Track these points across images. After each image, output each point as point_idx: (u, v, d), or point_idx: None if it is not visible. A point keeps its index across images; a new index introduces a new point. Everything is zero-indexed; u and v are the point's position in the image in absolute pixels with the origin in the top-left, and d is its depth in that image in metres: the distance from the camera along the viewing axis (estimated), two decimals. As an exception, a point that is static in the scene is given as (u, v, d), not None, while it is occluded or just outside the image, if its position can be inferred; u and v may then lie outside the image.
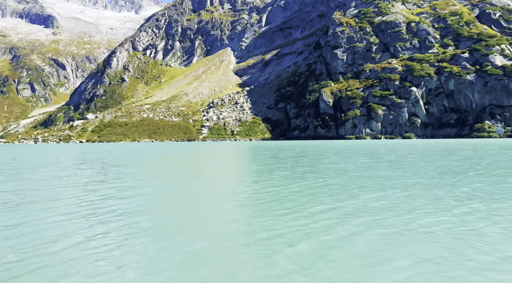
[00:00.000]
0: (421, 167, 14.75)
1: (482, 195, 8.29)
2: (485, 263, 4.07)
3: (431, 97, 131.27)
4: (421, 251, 4.48)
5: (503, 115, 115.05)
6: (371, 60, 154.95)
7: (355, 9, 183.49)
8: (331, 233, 5.33)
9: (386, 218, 6.21)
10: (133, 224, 6.11)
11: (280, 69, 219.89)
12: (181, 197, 8.73)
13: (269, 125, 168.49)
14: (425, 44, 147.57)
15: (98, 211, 7.17)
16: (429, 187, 9.44)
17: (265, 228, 5.73)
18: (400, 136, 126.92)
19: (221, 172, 14.84)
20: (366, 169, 14.63)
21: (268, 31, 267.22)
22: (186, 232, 5.64)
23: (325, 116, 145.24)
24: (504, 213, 6.47)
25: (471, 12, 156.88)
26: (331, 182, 10.46)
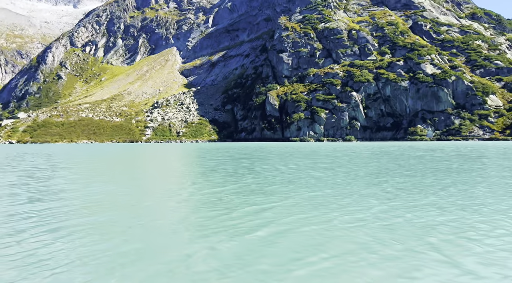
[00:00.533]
0: (353, 168, 15.29)
1: (400, 194, 8.75)
2: (391, 257, 4.27)
3: (370, 101, 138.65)
4: (337, 247, 4.66)
5: (433, 119, 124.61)
6: (315, 65, 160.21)
7: (300, 14, 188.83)
8: (255, 232, 5.38)
9: (314, 216, 6.36)
10: (57, 227, 5.73)
11: (227, 70, 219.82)
12: (113, 200, 8.20)
13: (216, 126, 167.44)
14: (365, 51, 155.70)
15: (12, 217, 6.42)
16: (357, 186, 9.83)
17: (190, 229, 5.69)
18: (341, 139, 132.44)
19: (156, 174, 14.25)
20: (302, 170, 14.85)
21: (215, 32, 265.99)
22: (114, 233, 5.48)
23: (271, 119, 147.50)
24: (416, 210, 6.86)
25: (405, 23, 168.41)
26: (267, 183, 10.50)
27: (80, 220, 6.37)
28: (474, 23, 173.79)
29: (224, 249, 4.65)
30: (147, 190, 9.89)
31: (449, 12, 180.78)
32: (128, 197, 8.64)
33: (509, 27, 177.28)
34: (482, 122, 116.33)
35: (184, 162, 21.23)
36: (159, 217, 6.60)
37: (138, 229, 5.70)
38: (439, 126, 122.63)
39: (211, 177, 12.59)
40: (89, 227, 5.84)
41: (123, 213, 6.88)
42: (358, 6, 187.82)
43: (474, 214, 6.44)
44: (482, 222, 5.93)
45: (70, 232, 5.57)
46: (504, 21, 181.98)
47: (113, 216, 6.70)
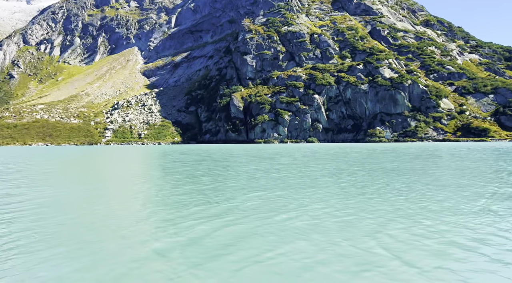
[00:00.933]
0: (310, 169, 15.50)
1: (354, 193, 9.02)
2: (339, 255, 4.40)
3: (331, 104, 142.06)
4: (287, 245, 4.75)
5: (390, 121, 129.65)
6: (278, 67, 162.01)
7: (263, 17, 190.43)
8: (204, 233, 5.42)
9: (267, 217, 6.47)
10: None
11: (191, 72, 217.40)
12: (58, 204, 7.73)
13: (179, 128, 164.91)
14: (326, 55, 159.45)
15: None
16: (307, 187, 9.96)
17: (133, 230, 5.69)
18: (304, 140, 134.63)
19: (108, 178, 13.68)
20: (258, 172, 14.87)
21: (178, 33, 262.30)
22: (50, 237, 5.24)
23: (236, 121, 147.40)
24: (368, 209, 7.08)
25: (364, 28, 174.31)
26: (221, 186, 10.35)
27: (27, 225, 6.01)
28: (428, 30, 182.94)
29: (171, 250, 4.66)
30: (96, 194, 9.44)
31: (405, 19, 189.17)
32: (72, 201, 8.20)
33: (459, 35, 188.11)
34: (436, 124, 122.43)
35: (141, 164, 20.58)
36: (105, 221, 6.43)
37: (81, 232, 5.52)
38: (397, 128, 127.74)
39: (165, 180, 12.33)
40: (32, 231, 5.55)
41: (67, 218, 6.51)
42: (319, 10, 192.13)
43: (420, 211, 6.70)
44: (428, 218, 6.20)
45: (16, 237, 5.25)
46: (454, 29, 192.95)
47: (54, 220, 6.40)
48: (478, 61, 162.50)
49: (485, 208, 6.89)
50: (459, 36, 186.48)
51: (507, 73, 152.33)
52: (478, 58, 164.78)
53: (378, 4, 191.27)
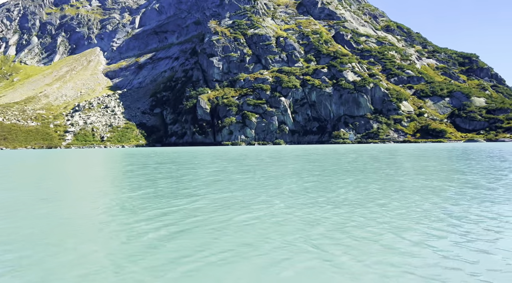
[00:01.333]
0: (270, 171, 15.58)
1: (303, 193, 9.19)
2: (268, 251, 4.55)
3: (297, 106, 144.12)
4: (225, 244, 4.89)
5: (354, 124, 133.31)
6: (245, 70, 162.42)
7: (230, 19, 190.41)
8: (153, 233, 5.43)
9: (214, 216, 6.59)
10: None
11: (156, 73, 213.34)
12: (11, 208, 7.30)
13: (144, 131, 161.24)
14: (292, 58, 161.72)
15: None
16: (259, 188, 9.92)
17: (86, 232, 5.64)
18: (271, 142, 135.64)
19: (64, 181, 13.07)
20: (219, 173, 14.82)
21: (142, 34, 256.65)
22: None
23: (203, 123, 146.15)
24: (310, 207, 7.23)
25: (328, 32, 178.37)
26: (183, 187, 10.21)
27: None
28: (388, 35, 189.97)
29: (118, 249, 4.67)
30: (43, 199, 8.97)
31: (367, 24, 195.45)
32: (19, 206, 7.75)
33: (417, 40, 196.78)
34: (396, 126, 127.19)
35: (100, 168, 19.80)
36: (59, 222, 6.30)
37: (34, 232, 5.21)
38: (360, 130, 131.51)
39: (125, 183, 11.97)
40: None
41: (11, 224, 6.12)
42: (285, 14, 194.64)
43: (360, 208, 6.97)
44: (362, 215, 6.45)
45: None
46: (413, 34, 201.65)
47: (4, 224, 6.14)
48: (435, 65, 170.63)
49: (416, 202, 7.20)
50: (417, 42, 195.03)
51: (461, 78, 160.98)
52: (435, 63, 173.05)
53: (341, 9, 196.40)
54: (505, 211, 6.80)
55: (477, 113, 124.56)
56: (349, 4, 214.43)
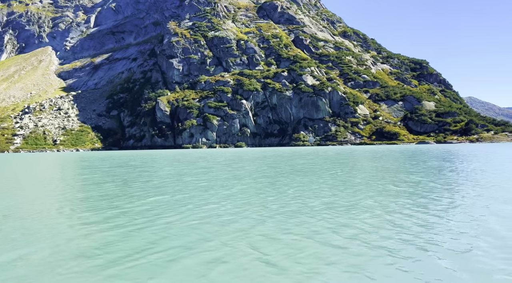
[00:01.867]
0: (224, 172, 15.58)
1: (249, 194, 9.14)
2: (191, 247, 4.60)
3: (258, 109, 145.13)
4: (163, 244, 4.91)
5: (313, 126, 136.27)
6: (206, 72, 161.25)
7: (190, 21, 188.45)
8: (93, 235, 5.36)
9: (155, 219, 6.57)
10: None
11: (113, 74, 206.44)
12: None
13: (100, 134, 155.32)
14: (253, 61, 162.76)
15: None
16: (211, 189, 9.99)
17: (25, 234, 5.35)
18: (233, 145, 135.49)
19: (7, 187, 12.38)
20: (172, 176, 14.64)
21: (98, 33, 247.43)
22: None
23: (162, 125, 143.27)
24: (250, 208, 7.26)
25: (288, 36, 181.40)
26: (132, 190, 9.96)
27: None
28: (345, 40, 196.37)
29: (59, 250, 4.61)
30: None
31: (325, 29, 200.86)
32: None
33: (372, 46, 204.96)
34: (353, 129, 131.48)
35: (50, 172, 18.77)
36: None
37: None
38: (319, 133, 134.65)
39: (71, 188, 11.44)
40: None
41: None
42: (245, 17, 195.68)
43: (305, 208, 7.13)
44: (305, 213, 6.57)
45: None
46: (369, 40, 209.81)
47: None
48: (389, 70, 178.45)
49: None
50: (372, 47, 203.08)
51: (413, 82, 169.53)
52: (389, 68, 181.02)
53: (301, 14, 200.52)
54: (434, 206, 7.22)
55: (427, 117, 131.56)
56: (308, 9, 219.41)
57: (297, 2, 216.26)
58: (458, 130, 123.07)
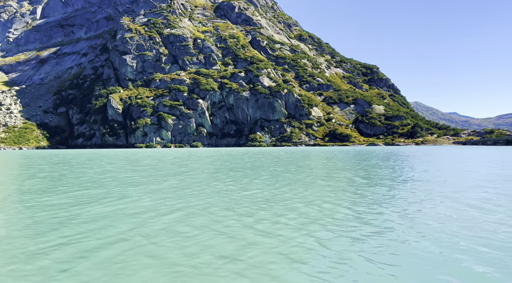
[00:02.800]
0: (163, 170, 15.34)
1: (166, 190, 9.09)
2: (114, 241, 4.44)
3: (215, 109, 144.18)
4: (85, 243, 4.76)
5: (269, 127, 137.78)
6: (161, 70, 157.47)
7: (144, 17, 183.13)
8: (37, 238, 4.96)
9: (79, 213, 6.36)
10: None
11: (61, 69, 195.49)
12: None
13: (46, 131, 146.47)
14: (210, 60, 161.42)
15: None
16: (140, 185, 9.76)
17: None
18: (188, 145, 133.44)
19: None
20: (106, 172, 14.20)
21: (45, 25, 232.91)
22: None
23: (114, 124, 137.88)
24: (184, 202, 7.22)
25: (246, 37, 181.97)
26: (51, 185, 9.59)
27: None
28: (301, 44, 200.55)
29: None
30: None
31: (282, 32, 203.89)
32: None
33: (327, 50, 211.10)
34: (308, 130, 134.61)
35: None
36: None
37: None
38: (275, 133, 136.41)
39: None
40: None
41: None
42: (202, 16, 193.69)
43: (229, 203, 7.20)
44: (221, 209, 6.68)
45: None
46: (323, 44, 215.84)
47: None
48: (342, 74, 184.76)
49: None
50: (327, 51, 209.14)
51: (364, 86, 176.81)
52: (342, 72, 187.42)
53: (258, 15, 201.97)
54: (347, 197, 7.61)
55: (377, 120, 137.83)
56: (265, 11, 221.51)
57: (255, 4, 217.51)
58: (405, 133, 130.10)
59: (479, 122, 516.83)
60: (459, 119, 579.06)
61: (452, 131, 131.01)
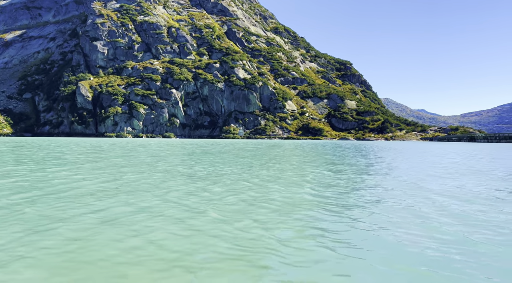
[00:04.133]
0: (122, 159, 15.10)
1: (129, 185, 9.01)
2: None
3: (189, 100, 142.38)
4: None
5: (244, 120, 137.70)
6: (133, 58, 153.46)
7: (117, 3, 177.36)
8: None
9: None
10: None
11: (27, 53, 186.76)
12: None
13: (10, 118, 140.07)
14: (184, 50, 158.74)
15: None
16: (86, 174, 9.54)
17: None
18: (161, 135, 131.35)
19: None
20: (51, 159, 13.80)
21: (9, 7, 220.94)
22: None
23: (83, 112, 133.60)
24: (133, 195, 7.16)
25: (221, 28, 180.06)
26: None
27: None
28: (277, 37, 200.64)
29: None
30: None
31: (258, 24, 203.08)
32: None
33: (302, 44, 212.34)
34: (282, 123, 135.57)
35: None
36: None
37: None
38: (249, 126, 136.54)
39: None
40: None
41: None
42: (177, 4, 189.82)
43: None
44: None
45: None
46: (298, 38, 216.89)
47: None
48: (316, 69, 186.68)
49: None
50: (302, 45, 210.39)
51: (338, 82, 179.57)
52: (316, 67, 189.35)
53: (234, 6, 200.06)
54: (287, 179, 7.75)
55: (349, 115, 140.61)
56: (241, 2, 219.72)
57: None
58: (375, 128, 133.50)
59: (445, 120, 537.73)
60: (427, 116, 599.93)
61: (420, 127, 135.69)
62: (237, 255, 3.30)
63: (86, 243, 3.68)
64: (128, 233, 4.01)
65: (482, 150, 31.05)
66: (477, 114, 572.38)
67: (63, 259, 3.30)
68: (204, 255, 3.29)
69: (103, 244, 3.65)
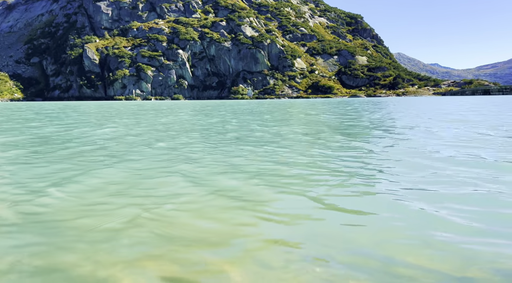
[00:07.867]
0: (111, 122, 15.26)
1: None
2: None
3: (196, 60, 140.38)
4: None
5: (252, 80, 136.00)
6: (138, 18, 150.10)
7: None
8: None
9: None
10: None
11: (31, 16, 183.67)
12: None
13: (20, 83, 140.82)
14: (189, 8, 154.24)
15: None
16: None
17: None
18: (169, 98, 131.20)
19: None
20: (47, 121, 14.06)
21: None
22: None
23: (91, 75, 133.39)
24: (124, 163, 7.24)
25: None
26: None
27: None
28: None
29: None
30: None
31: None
32: None
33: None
34: (291, 82, 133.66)
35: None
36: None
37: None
38: (257, 86, 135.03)
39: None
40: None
41: None
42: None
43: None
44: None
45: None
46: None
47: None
48: (326, 24, 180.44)
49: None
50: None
51: (348, 37, 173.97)
52: (326, 22, 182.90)
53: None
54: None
55: (360, 71, 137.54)
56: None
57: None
58: (387, 84, 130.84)
59: (459, 73, 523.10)
60: (440, 70, 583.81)
61: (433, 82, 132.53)
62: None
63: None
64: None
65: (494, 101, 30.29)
66: (492, 67, 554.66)
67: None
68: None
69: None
